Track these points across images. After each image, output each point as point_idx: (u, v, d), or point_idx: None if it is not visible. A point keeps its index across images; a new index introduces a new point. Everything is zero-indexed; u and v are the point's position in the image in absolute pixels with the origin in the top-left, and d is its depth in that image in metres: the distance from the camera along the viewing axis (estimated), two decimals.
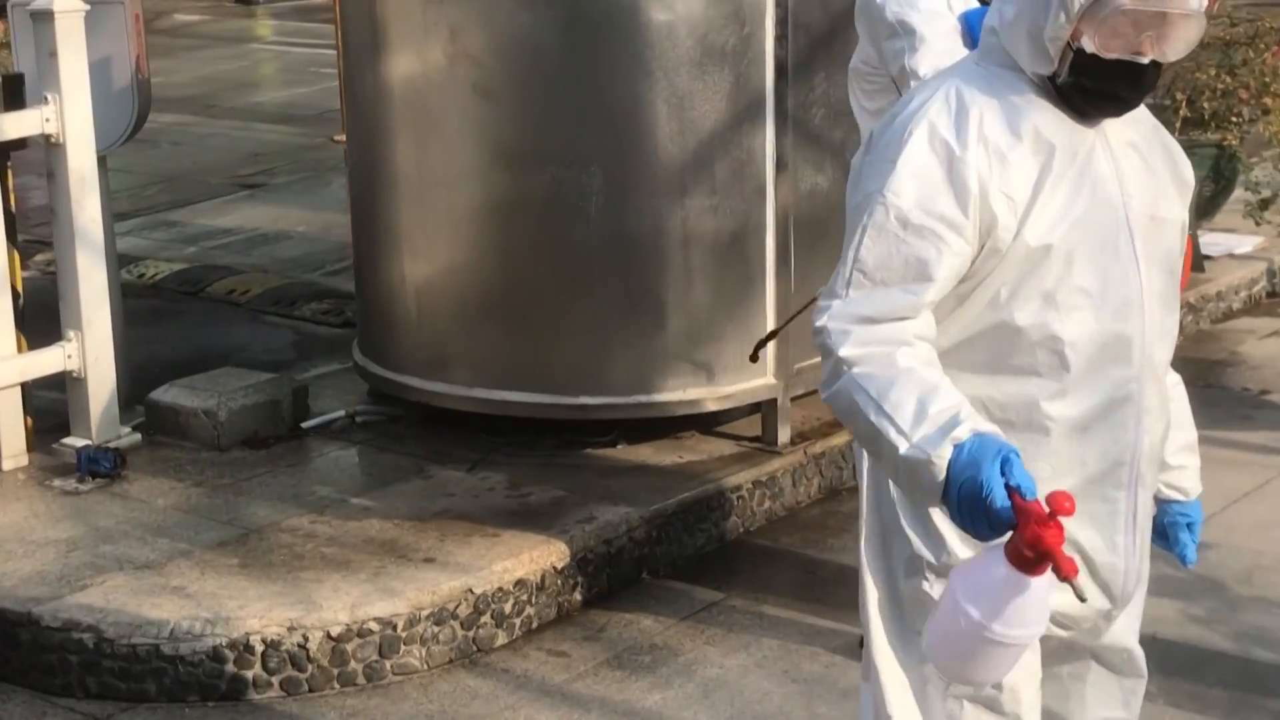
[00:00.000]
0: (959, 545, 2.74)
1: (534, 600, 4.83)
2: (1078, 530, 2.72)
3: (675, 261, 5.49)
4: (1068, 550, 2.42)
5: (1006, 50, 2.68)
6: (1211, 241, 8.00)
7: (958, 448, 2.43)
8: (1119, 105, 2.68)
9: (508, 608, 4.76)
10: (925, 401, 2.49)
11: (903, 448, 2.47)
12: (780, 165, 5.50)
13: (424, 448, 5.64)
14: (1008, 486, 2.39)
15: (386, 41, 5.57)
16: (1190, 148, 7.81)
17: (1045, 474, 2.67)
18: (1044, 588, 2.40)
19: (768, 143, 5.48)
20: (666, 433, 5.71)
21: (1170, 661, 4.56)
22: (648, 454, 5.60)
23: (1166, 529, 3.02)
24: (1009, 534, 2.38)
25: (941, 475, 2.44)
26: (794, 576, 5.18)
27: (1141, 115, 2.77)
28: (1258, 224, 8.05)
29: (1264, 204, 8.00)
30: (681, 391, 5.55)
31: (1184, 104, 7.92)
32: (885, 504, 2.85)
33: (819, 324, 2.64)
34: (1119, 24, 2.56)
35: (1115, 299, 2.70)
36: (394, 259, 5.70)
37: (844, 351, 2.59)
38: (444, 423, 5.73)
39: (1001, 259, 2.63)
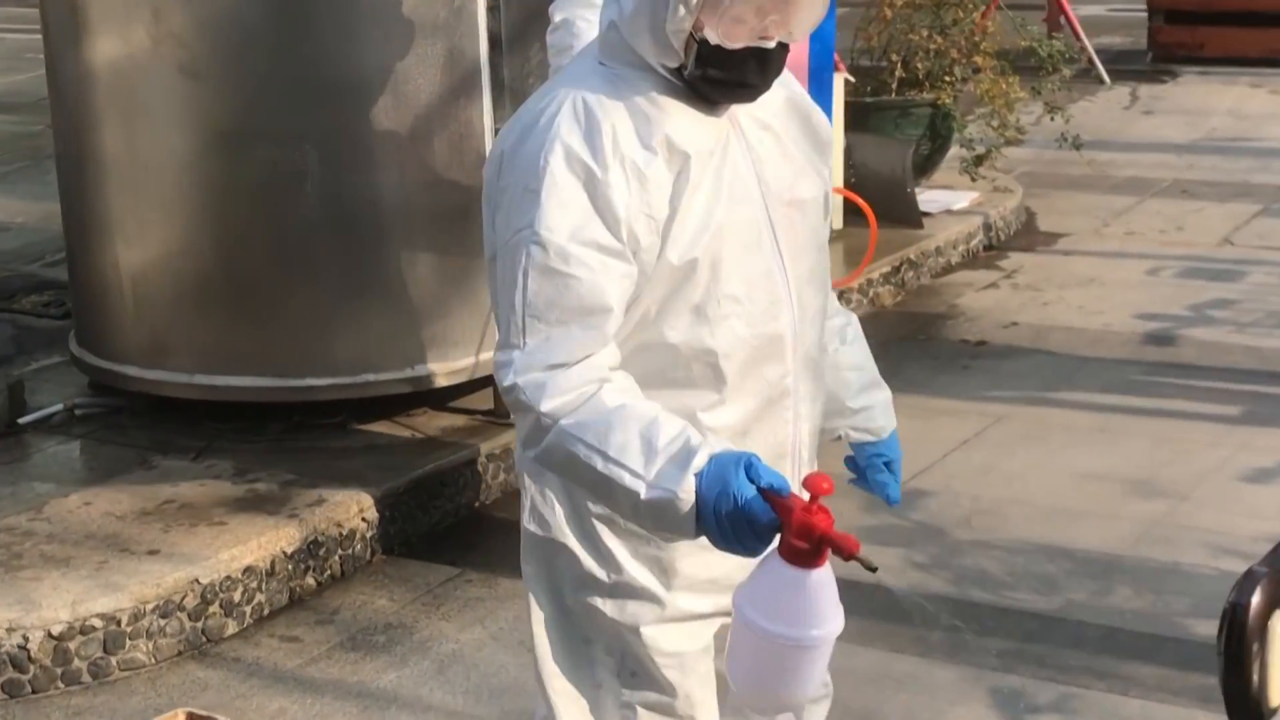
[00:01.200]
0: (631, 563, 2.67)
1: (264, 587, 4.77)
2: None
3: (397, 237, 5.45)
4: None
5: (631, 46, 2.53)
6: (930, 198, 8.23)
7: (699, 476, 2.33)
8: (749, 92, 2.56)
9: (237, 596, 4.69)
10: (650, 438, 2.38)
11: (644, 492, 2.36)
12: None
13: (147, 438, 5.52)
14: (761, 491, 2.30)
15: (88, 24, 5.42)
16: (906, 108, 8.07)
17: None
18: (830, 576, 2.32)
19: (485, 115, 5.47)
20: (398, 410, 5.68)
21: (894, 609, 4.69)
22: (379, 433, 5.56)
23: (864, 472, 2.97)
24: (777, 537, 2.30)
25: (690, 508, 2.33)
26: None
27: (773, 92, 2.65)
28: (973, 180, 8.32)
29: (978, 160, 8.27)
30: (410, 368, 5.52)
31: (899, 65, 8.13)
32: (548, 519, 2.72)
33: (508, 383, 2.46)
34: (742, 13, 2.46)
35: (763, 299, 2.61)
36: (107, 247, 5.56)
37: (546, 406, 2.43)
38: (167, 412, 5.62)
39: (649, 279, 2.53)
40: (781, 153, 2.66)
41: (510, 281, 2.49)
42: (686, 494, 2.33)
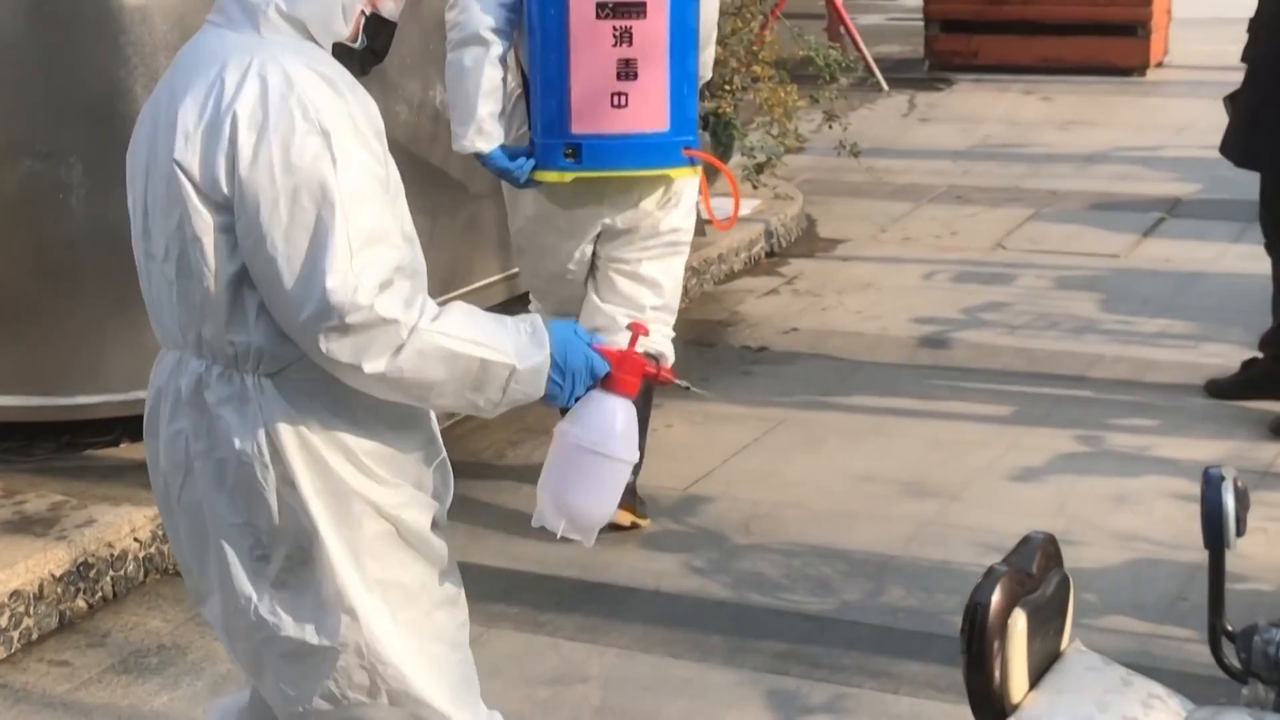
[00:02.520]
0: (401, 477, 2.91)
1: (32, 611, 4.65)
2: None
3: None
4: None
5: (300, 20, 2.78)
6: (713, 206, 8.28)
7: (550, 342, 2.84)
8: (379, 61, 2.96)
9: (3, 621, 4.57)
10: (497, 323, 2.80)
11: (519, 363, 2.78)
12: None
13: None
14: (589, 345, 2.92)
15: None
16: None
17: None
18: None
19: None
20: None
21: (673, 614, 4.73)
22: None
23: None
24: (600, 378, 2.93)
25: (549, 367, 2.83)
26: None
27: None
28: (755, 187, 8.41)
29: (759, 168, 8.35)
30: None
31: None
32: (328, 475, 2.83)
33: (364, 302, 2.63)
34: None
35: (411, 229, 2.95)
36: None
37: (408, 316, 2.68)
38: None
39: None
40: None
41: (314, 217, 2.63)
42: (548, 357, 2.82)
